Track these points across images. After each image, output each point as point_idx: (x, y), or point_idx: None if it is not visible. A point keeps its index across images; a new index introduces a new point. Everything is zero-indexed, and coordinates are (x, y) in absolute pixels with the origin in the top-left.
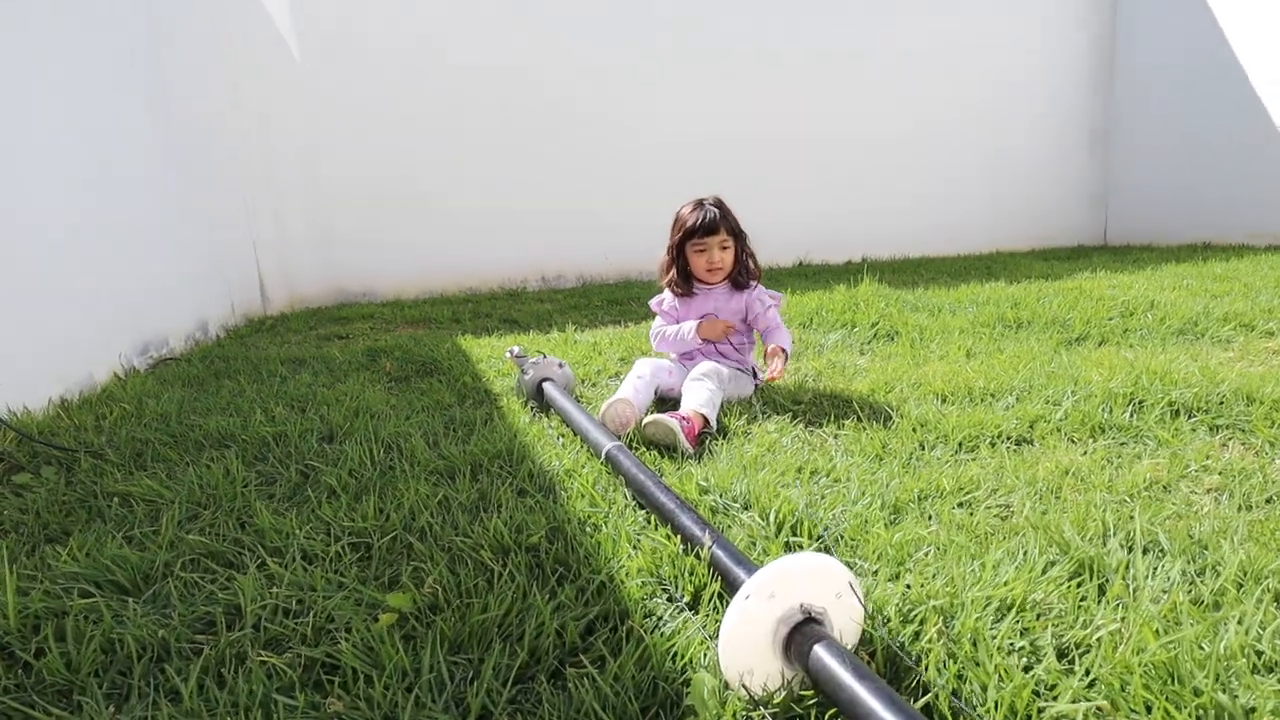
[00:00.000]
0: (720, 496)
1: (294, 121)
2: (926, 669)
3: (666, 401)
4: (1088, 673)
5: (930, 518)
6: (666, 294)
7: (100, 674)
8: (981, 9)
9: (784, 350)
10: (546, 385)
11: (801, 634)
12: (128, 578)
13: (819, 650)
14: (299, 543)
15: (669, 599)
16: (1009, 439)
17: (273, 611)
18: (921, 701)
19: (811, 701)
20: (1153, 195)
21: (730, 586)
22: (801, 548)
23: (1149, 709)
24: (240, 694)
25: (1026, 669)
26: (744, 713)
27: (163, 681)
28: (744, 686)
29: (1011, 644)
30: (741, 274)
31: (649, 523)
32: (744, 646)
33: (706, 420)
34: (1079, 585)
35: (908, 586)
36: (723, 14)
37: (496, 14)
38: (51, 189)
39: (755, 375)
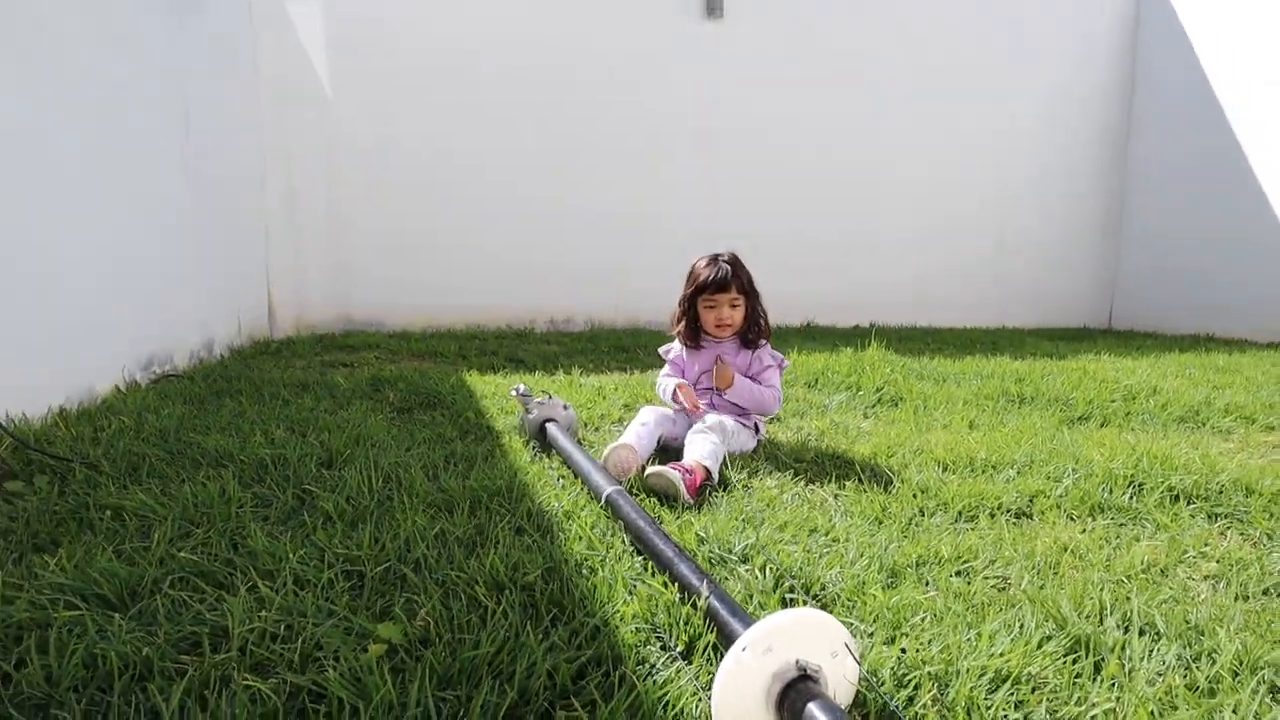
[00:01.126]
0: (718, 548)
1: (317, 155)
2: None
3: (669, 450)
4: None
5: (928, 584)
6: (676, 343)
7: (80, 690)
8: (994, 100)
9: (735, 377)
10: (550, 426)
11: (796, 691)
12: (115, 592)
13: (813, 708)
14: (291, 567)
15: (663, 647)
16: (1009, 511)
17: (260, 635)
18: None
19: None
20: (1159, 285)
21: (726, 638)
22: (799, 604)
23: None
24: (223, 718)
25: None
26: None
27: (143, 701)
28: None
29: (1005, 715)
30: (751, 331)
31: (646, 569)
32: (737, 700)
33: (709, 472)
34: (1074, 661)
35: (903, 651)
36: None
37: (525, 60)
38: (64, 201)
39: (758, 430)
